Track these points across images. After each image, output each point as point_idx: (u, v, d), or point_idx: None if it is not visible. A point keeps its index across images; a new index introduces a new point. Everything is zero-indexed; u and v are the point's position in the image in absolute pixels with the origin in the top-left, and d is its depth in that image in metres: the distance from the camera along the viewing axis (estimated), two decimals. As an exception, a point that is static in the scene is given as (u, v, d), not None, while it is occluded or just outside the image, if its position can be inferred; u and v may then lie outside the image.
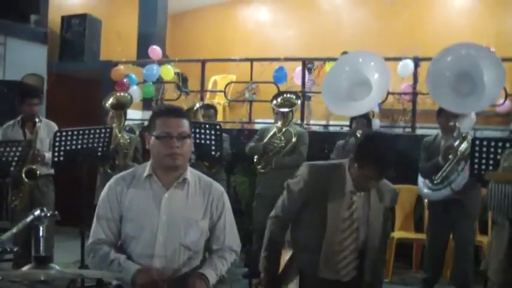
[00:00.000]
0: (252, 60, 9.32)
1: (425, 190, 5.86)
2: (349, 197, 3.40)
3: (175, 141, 2.98)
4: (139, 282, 2.88)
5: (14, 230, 2.19)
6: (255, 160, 6.50)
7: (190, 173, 3.15)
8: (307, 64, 9.48)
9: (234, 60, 9.64)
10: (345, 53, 10.52)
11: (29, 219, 2.26)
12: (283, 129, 6.33)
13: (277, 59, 9.23)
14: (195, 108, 6.70)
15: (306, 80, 9.33)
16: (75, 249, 6.16)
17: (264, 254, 3.65)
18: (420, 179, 5.96)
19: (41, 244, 2.40)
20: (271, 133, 6.35)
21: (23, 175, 5.91)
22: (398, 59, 8.48)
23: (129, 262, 2.99)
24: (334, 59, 8.91)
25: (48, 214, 2.31)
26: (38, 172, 6.04)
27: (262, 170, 6.41)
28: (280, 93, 6.81)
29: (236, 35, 13.53)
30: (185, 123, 3.04)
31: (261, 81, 9.75)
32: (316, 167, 3.55)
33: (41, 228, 2.30)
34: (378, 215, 3.45)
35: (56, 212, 2.36)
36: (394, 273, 6.63)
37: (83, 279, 5.01)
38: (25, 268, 2.35)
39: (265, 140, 6.36)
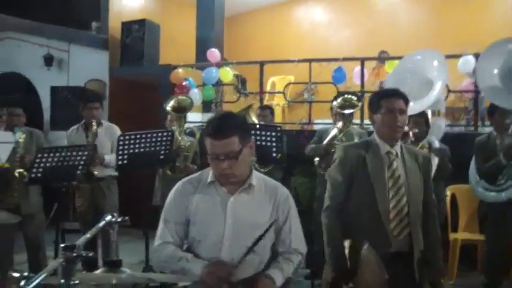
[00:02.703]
0: (310, 61, 9.28)
1: (481, 190, 5.75)
2: (387, 158, 3.63)
3: (223, 162, 2.95)
4: (208, 277, 2.91)
5: (88, 234, 2.24)
6: (315, 161, 6.46)
7: (256, 177, 3.16)
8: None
9: (293, 61, 9.61)
10: (383, 52, 10.41)
11: (101, 224, 2.32)
12: (344, 130, 6.27)
13: (336, 59, 9.16)
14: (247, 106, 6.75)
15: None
16: (139, 250, 6.28)
17: (327, 250, 3.63)
18: (473, 179, 5.84)
19: (112, 248, 2.45)
20: (332, 134, 6.29)
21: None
22: (459, 55, 8.31)
23: (196, 259, 3.03)
24: (393, 58, 8.85)
25: (119, 219, 2.36)
26: (96, 173, 6.17)
27: (322, 172, 6.36)
28: (340, 94, 6.72)
29: (291, 36, 13.50)
30: (232, 142, 2.93)
31: (320, 82, 9.70)
32: (348, 144, 4.00)
33: (112, 233, 2.36)
34: (415, 173, 3.65)
35: (127, 218, 2.41)
36: (458, 276, 6.50)
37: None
38: (97, 272, 2.41)
39: (325, 141, 6.31)
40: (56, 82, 10.40)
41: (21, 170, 5.61)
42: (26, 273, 2.58)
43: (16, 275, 2.59)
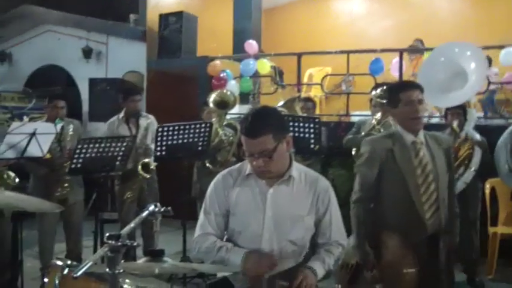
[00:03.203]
0: (348, 52, 9.18)
1: None
2: (414, 147, 3.76)
3: (258, 160, 2.96)
4: (249, 265, 2.93)
5: (132, 224, 2.25)
6: (353, 153, 6.42)
7: (296, 169, 3.15)
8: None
9: (330, 52, 9.53)
10: (417, 40, 10.23)
11: (144, 214, 2.33)
12: (383, 121, 6.22)
13: (374, 51, 9.06)
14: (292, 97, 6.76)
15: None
16: (176, 240, 6.32)
17: (354, 240, 3.73)
18: (503, 170, 5.73)
19: (154, 238, 2.46)
20: (371, 125, 6.26)
21: (140, 169, 6.13)
22: (501, 46, 8.13)
23: (236, 248, 3.05)
24: (432, 49, 8.71)
25: (162, 210, 2.36)
26: (152, 167, 6.24)
27: None
28: (379, 84, 6.69)
29: (329, 27, 13.37)
30: (266, 140, 2.92)
31: (358, 73, 9.60)
32: (373, 138, 4.06)
33: (155, 223, 2.37)
34: (441, 158, 3.80)
35: (170, 208, 2.41)
36: (497, 271, 6.36)
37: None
38: (140, 261, 2.43)
39: (363, 132, 6.28)
40: (95, 74, 10.52)
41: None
42: (69, 262, 2.62)
43: (59, 263, 2.63)
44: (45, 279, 2.67)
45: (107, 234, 2.08)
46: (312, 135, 5.84)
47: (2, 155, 5.14)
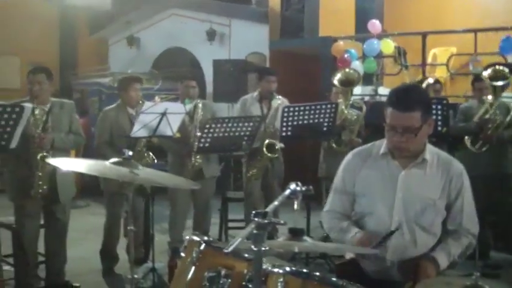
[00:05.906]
0: (475, 31, 8.81)
1: None
2: None
3: (400, 135, 2.90)
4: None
5: (276, 202, 2.29)
6: (466, 139, 6.16)
7: (429, 152, 3.08)
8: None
9: (457, 31, 9.20)
10: None
11: (287, 192, 2.36)
12: (496, 103, 5.98)
13: (504, 28, 8.63)
14: (425, 84, 6.60)
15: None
16: (298, 220, 6.34)
17: None
18: None
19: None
20: (482, 110, 6.00)
21: (264, 148, 6.24)
22: None
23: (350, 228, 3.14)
24: None
25: (303, 188, 2.38)
26: (277, 147, 6.32)
27: (476, 150, 6.06)
28: (492, 65, 6.42)
29: (454, 3, 12.88)
30: (414, 117, 2.87)
31: (486, 53, 9.18)
32: None
33: (295, 202, 2.39)
34: None
35: (311, 187, 2.43)
36: None
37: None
38: (281, 239, 2.47)
39: (476, 118, 6.03)
40: (218, 56, 10.73)
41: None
42: (206, 238, 2.70)
43: (197, 238, 2.72)
44: (182, 254, 2.75)
45: (253, 212, 2.12)
46: (440, 117, 5.71)
47: (135, 133, 5.36)
